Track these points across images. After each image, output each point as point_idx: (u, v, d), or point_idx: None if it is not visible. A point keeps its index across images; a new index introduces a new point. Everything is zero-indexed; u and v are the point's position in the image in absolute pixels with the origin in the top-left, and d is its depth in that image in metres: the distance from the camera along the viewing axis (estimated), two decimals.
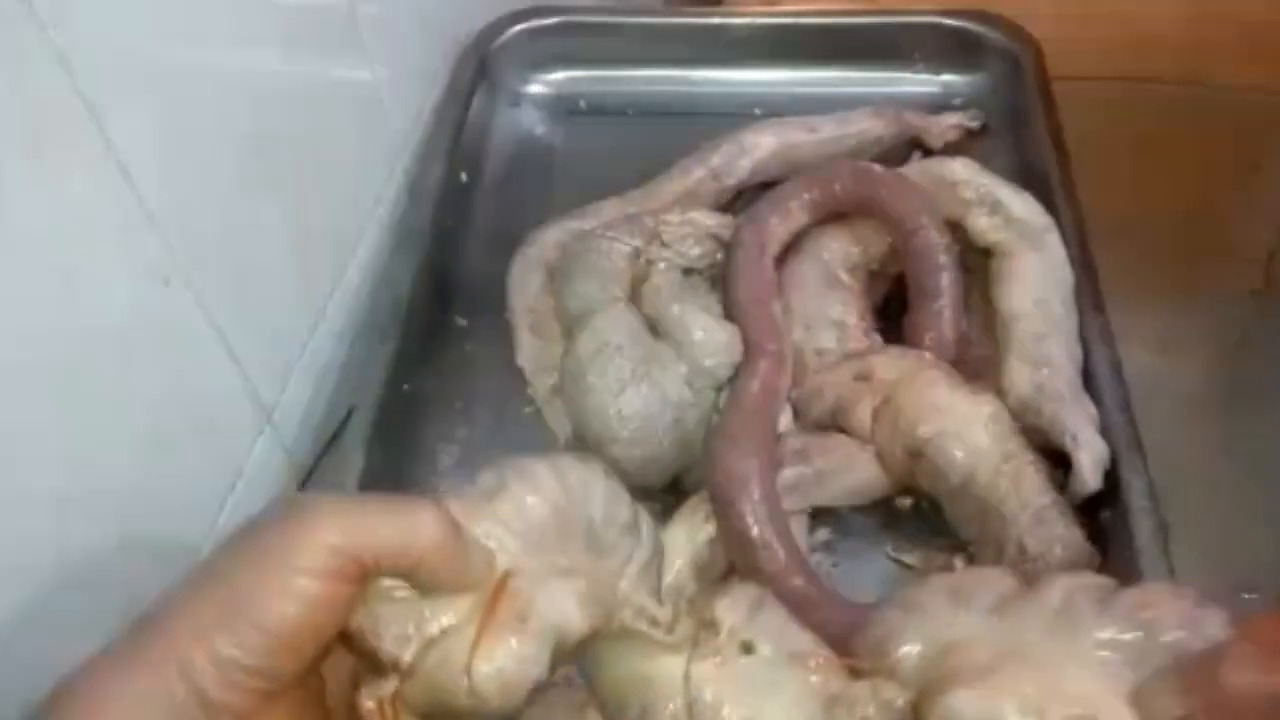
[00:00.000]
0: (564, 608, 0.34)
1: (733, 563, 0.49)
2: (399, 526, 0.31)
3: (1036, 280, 0.55)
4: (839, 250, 0.60)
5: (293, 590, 0.29)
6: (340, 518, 0.30)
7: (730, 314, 0.57)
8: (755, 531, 0.47)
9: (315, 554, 0.30)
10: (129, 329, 0.42)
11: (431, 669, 0.32)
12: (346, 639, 0.32)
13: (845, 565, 0.52)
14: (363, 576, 0.31)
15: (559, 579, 0.34)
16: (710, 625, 0.37)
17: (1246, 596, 0.49)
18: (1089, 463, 0.48)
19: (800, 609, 0.41)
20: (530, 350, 0.60)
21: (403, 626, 0.32)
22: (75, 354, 0.39)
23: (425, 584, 0.32)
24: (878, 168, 0.60)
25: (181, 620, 0.29)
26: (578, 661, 0.37)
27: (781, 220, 0.60)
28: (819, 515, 0.53)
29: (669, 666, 0.37)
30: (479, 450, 0.57)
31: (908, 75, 0.75)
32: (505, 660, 0.32)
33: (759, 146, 0.67)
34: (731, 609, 0.37)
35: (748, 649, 0.37)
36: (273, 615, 0.29)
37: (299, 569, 0.29)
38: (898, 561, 0.52)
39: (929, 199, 0.58)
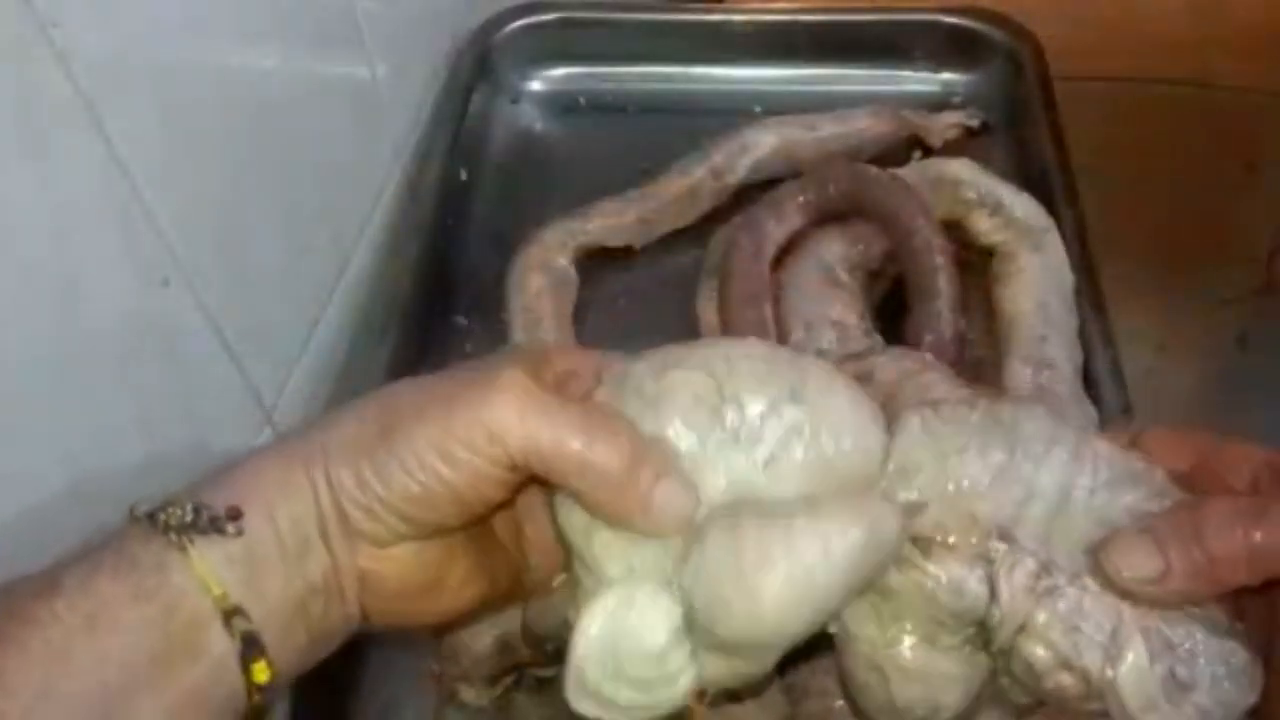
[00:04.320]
0: None
1: None
2: (578, 452, 0.29)
3: (1037, 281, 0.55)
4: (839, 250, 0.60)
5: (443, 451, 0.29)
6: (521, 410, 0.29)
7: (723, 314, 0.58)
8: None
9: (475, 431, 0.29)
10: (129, 329, 0.42)
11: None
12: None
13: None
14: (516, 469, 0.30)
15: None
16: None
17: None
18: None
19: None
20: None
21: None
22: (75, 354, 0.39)
23: (605, 520, 0.31)
24: (873, 169, 0.60)
25: (341, 434, 0.30)
26: None
27: (778, 223, 0.60)
28: None
29: None
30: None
31: (908, 73, 0.75)
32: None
33: (759, 145, 0.67)
34: None
35: (734, 697, 0.38)
36: (419, 466, 0.29)
37: (455, 436, 0.29)
38: None
39: (924, 200, 0.58)
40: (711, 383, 0.31)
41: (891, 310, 0.60)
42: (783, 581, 0.29)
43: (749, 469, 0.31)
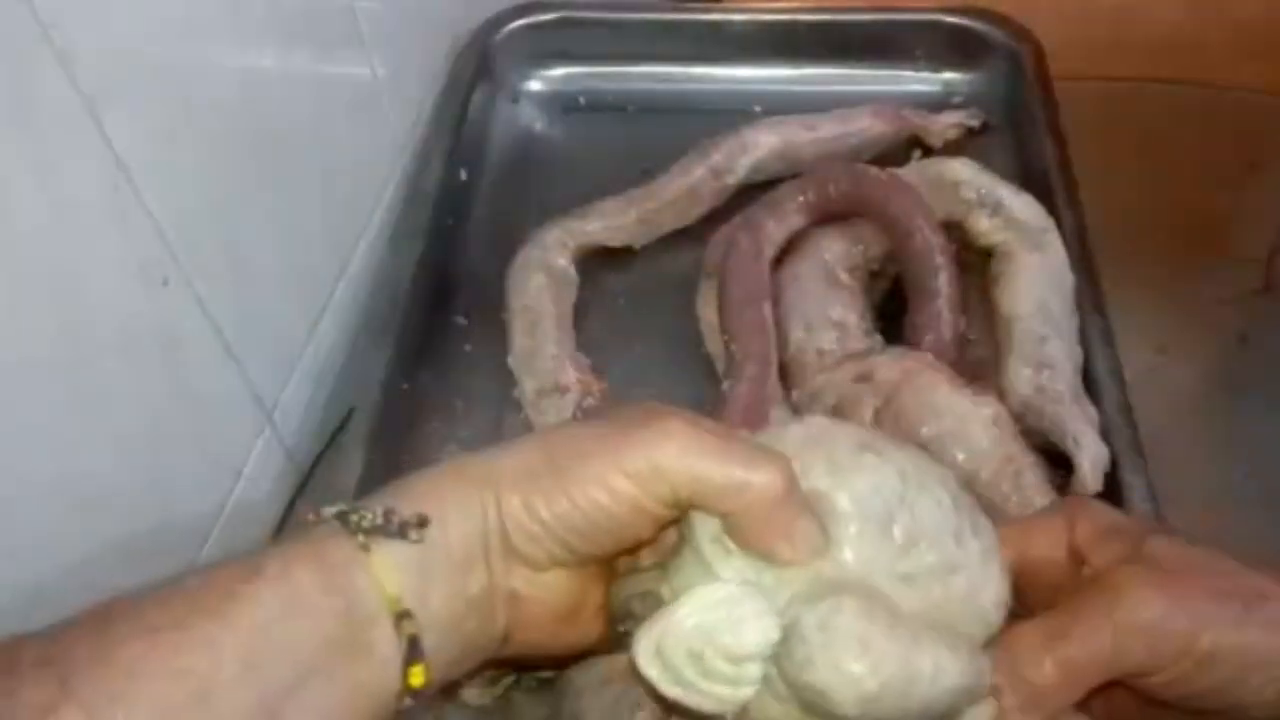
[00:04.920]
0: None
1: None
2: (734, 473, 0.31)
3: (1037, 282, 0.55)
4: (839, 250, 0.60)
5: (608, 485, 0.31)
6: (686, 444, 0.31)
7: (722, 314, 0.58)
8: None
9: (641, 466, 0.31)
10: (129, 329, 0.42)
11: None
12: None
13: None
14: (679, 504, 0.32)
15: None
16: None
17: None
18: (1089, 465, 0.48)
19: None
20: (521, 351, 0.60)
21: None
22: (75, 354, 0.39)
23: (732, 533, 0.32)
24: (873, 169, 0.60)
25: (515, 460, 0.32)
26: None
27: (778, 223, 0.60)
28: None
29: None
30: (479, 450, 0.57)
31: (908, 73, 0.75)
32: None
33: (759, 144, 0.66)
34: None
35: None
36: (584, 497, 0.31)
37: (623, 470, 0.31)
38: None
39: (924, 200, 0.58)
40: (899, 487, 0.33)
41: (891, 310, 0.60)
42: (883, 681, 0.30)
43: (886, 571, 0.32)
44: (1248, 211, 0.68)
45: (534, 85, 0.77)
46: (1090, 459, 0.49)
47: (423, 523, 0.31)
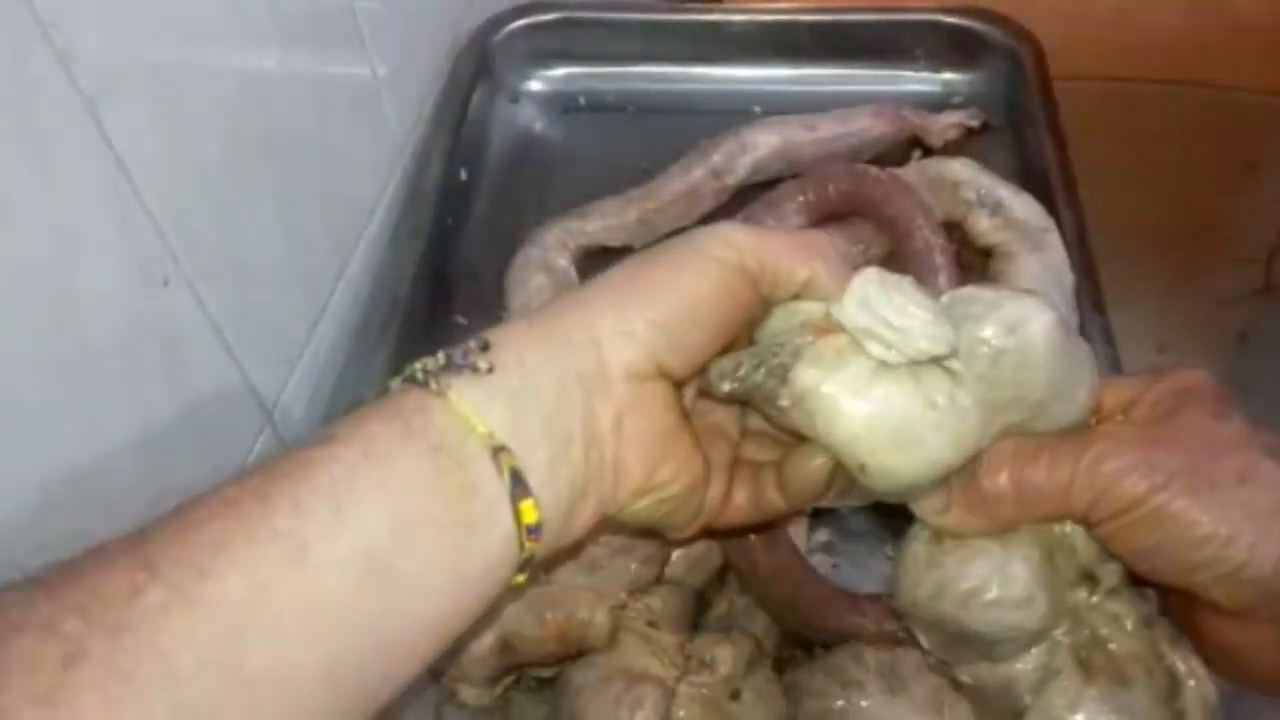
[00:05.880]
0: None
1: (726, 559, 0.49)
2: (796, 241, 0.35)
3: (1037, 281, 0.55)
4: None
5: (699, 269, 0.33)
6: (747, 229, 0.34)
7: None
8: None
9: (722, 245, 0.33)
10: (129, 329, 0.42)
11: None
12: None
13: (845, 566, 0.52)
14: (760, 279, 0.34)
15: None
16: (708, 665, 0.42)
17: None
18: None
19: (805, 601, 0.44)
20: None
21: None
22: (74, 354, 0.39)
23: (812, 298, 0.35)
24: (873, 169, 0.60)
25: (592, 293, 0.33)
26: None
27: (778, 223, 0.60)
28: (819, 515, 0.53)
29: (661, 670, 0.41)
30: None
31: (908, 73, 0.75)
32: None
33: (759, 145, 0.66)
34: (731, 659, 0.42)
35: (735, 696, 0.42)
36: (678, 284, 0.33)
37: (706, 254, 0.33)
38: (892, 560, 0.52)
39: (924, 200, 0.58)
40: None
41: None
42: (1053, 321, 0.33)
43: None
44: (1248, 211, 0.68)
45: (534, 85, 0.77)
46: None
47: (485, 345, 0.31)
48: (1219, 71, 0.73)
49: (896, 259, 0.59)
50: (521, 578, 0.31)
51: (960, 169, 0.60)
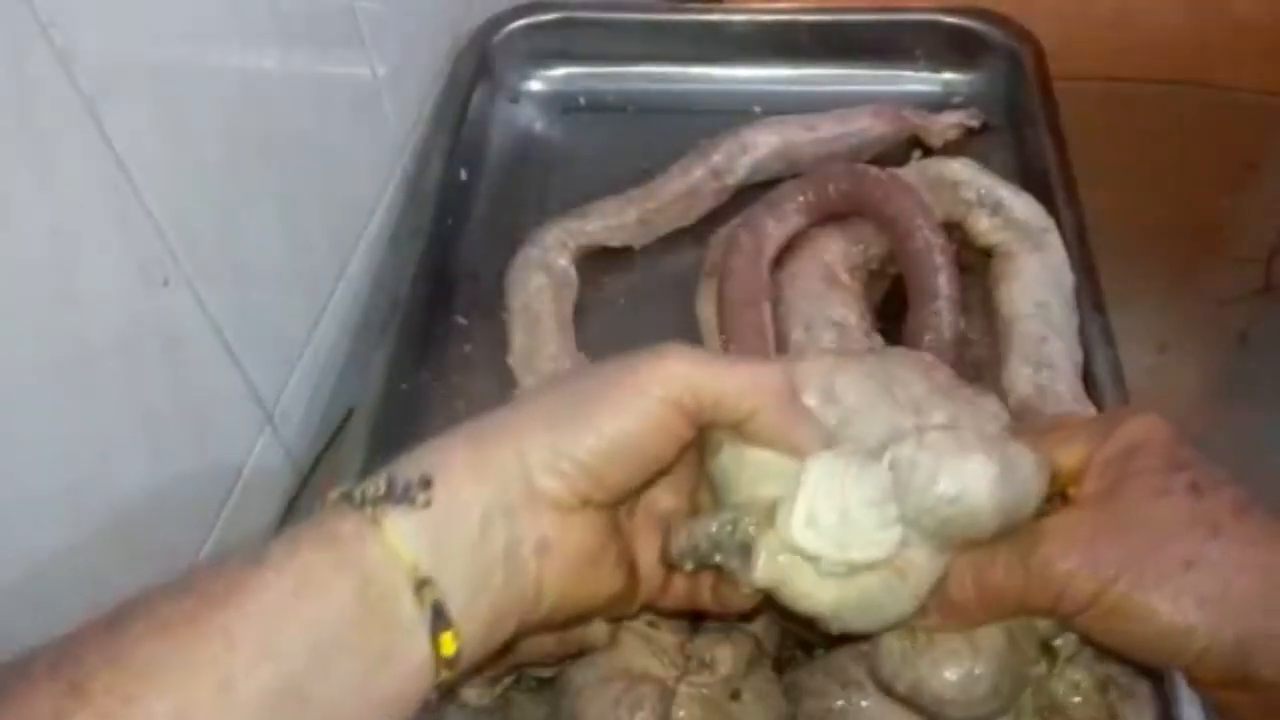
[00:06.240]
0: None
1: None
2: (742, 375, 0.34)
3: (1037, 281, 0.55)
4: (839, 250, 0.60)
5: (635, 406, 0.33)
6: (691, 358, 0.34)
7: (721, 314, 0.57)
8: None
9: (662, 380, 0.33)
10: (129, 329, 0.42)
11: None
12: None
13: None
14: (698, 415, 0.34)
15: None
16: (708, 665, 0.42)
17: None
18: None
19: None
20: (521, 351, 0.60)
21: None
22: (75, 354, 0.39)
23: (754, 436, 0.35)
24: (873, 169, 0.60)
25: (530, 412, 0.34)
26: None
27: (778, 223, 0.60)
28: None
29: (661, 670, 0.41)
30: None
31: (908, 73, 0.75)
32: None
33: (759, 144, 0.66)
34: (731, 659, 0.42)
35: (735, 696, 0.42)
36: (612, 423, 0.33)
37: (643, 390, 0.33)
38: None
39: (923, 200, 0.58)
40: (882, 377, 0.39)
41: (891, 310, 0.59)
42: (1000, 466, 0.33)
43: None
44: (1248, 211, 0.68)
45: (534, 85, 0.77)
46: None
47: (426, 483, 0.31)
48: (1219, 71, 0.72)
49: (897, 259, 0.59)
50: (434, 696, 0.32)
51: (960, 169, 0.60)
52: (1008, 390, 0.52)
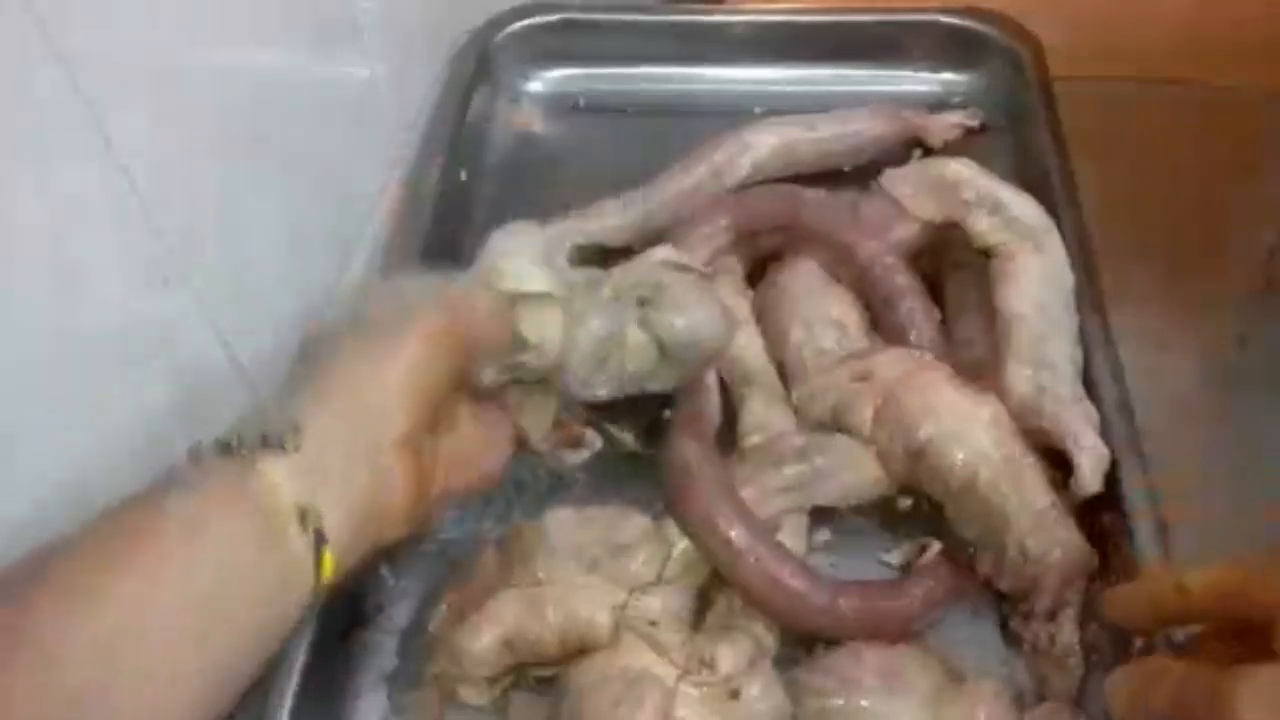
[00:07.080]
0: None
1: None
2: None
3: (1037, 282, 0.55)
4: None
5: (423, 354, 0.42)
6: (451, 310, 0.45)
7: None
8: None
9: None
10: (129, 329, 0.42)
11: None
12: None
13: (845, 565, 0.52)
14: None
15: None
16: (708, 665, 0.42)
17: None
18: (1089, 465, 0.48)
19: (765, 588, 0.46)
20: None
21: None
22: (74, 354, 0.39)
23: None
24: (803, 190, 0.61)
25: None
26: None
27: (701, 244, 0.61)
28: (819, 515, 0.53)
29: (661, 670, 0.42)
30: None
31: (907, 74, 0.75)
32: None
33: (759, 144, 0.66)
34: (731, 659, 0.43)
35: (735, 696, 0.42)
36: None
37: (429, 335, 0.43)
38: (885, 564, 0.52)
39: (851, 215, 0.59)
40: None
41: None
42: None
43: None
44: (1247, 211, 0.68)
45: (534, 86, 0.77)
46: (1090, 459, 0.49)
47: (297, 429, 0.37)
48: (1219, 71, 0.72)
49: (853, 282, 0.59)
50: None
51: (960, 169, 0.60)
52: (1007, 390, 0.52)
